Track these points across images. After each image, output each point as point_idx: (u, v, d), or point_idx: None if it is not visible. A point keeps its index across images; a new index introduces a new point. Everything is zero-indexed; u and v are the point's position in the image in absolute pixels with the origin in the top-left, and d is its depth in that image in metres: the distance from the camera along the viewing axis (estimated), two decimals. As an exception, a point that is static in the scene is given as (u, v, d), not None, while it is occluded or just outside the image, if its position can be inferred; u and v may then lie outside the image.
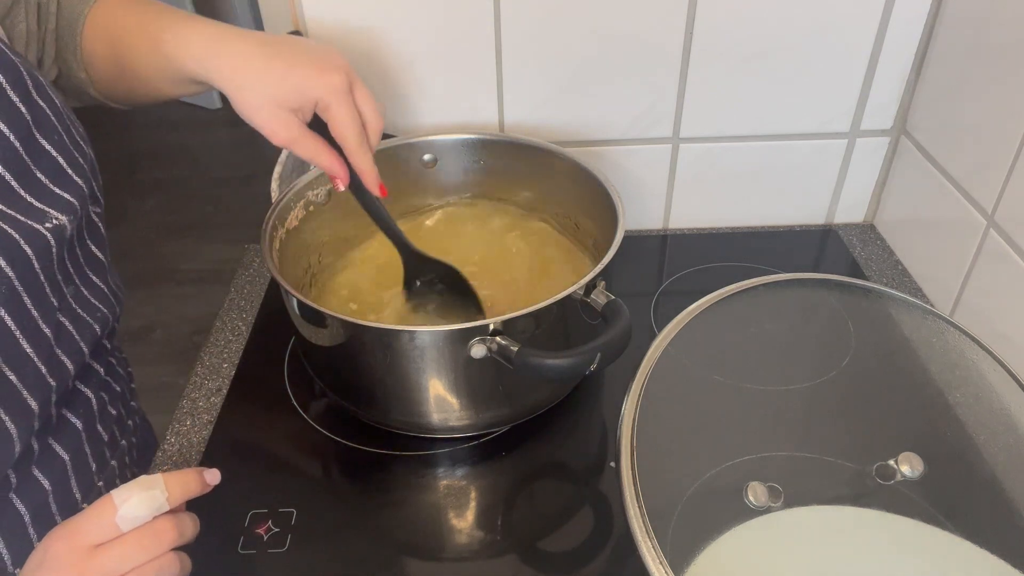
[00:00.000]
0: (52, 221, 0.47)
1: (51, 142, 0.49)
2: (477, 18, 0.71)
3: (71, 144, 0.50)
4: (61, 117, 0.50)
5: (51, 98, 0.50)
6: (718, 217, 0.86)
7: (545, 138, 0.72)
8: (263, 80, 0.52)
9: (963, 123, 0.69)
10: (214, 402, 0.66)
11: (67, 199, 0.49)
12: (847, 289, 0.62)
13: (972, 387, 0.56)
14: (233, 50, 0.53)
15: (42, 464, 0.51)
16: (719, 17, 0.71)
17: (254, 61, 0.53)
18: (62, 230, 0.48)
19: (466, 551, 0.55)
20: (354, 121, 0.55)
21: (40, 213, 0.47)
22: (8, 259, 0.44)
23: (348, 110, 0.54)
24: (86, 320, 0.52)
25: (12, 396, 0.46)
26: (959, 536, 0.49)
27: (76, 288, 0.52)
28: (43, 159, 0.48)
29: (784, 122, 0.79)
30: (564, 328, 0.57)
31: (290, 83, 0.53)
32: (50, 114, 0.49)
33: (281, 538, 0.55)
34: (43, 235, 0.46)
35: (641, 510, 0.43)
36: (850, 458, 0.54)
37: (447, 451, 0.61)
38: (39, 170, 0.48)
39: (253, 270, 0.81)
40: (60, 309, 0.50)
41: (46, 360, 0.48)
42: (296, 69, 0.53)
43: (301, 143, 0.54)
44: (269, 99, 0.53)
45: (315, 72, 0.53)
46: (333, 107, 0.54)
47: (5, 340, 0.45)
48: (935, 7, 0.72)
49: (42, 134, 0.48)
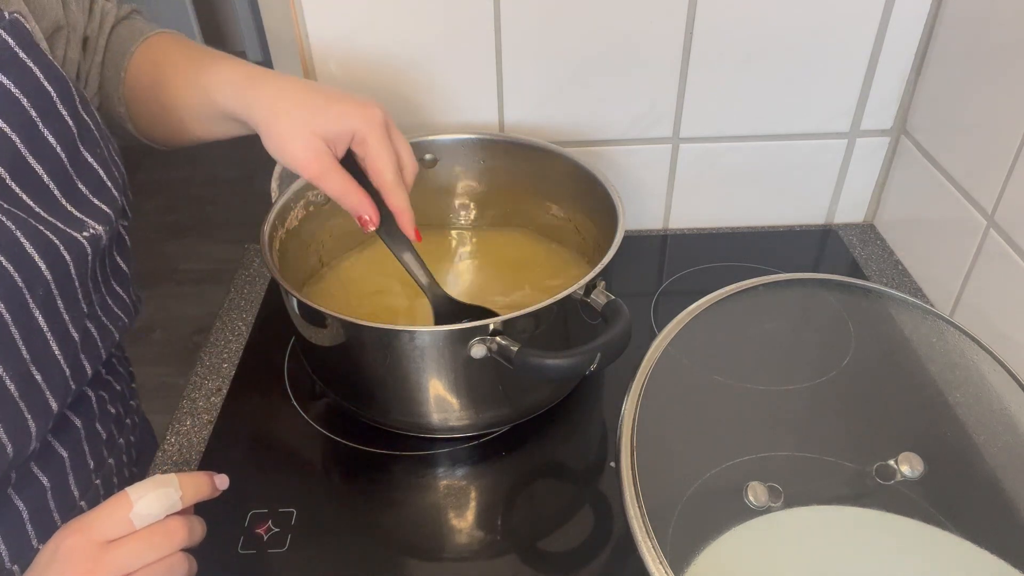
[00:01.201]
0: (90, 230, 0.49)
1: (94, 155, 0.50)
2: (477, 18, 0.71)
3: (109, 159, 0.52)
4: (103, 133, 0.52)
5: (94, 114, 0.52)
6: (718, 217, 0.86)
7: (545, 138, 0.72)
8: (301, 108, 0.52)
9: (963, 123, 0.69)
10: (214, 402, 0.66)
11: (104, 210, 0.50)
12: (847, 289, 0.62)
13: (972, 387, 0.56)
14: (273, 84, 0.54)
15: (41, 462, 0.51)
16: (719, 17, 0.71)
17: (294, 93, 0.53)
18: (98, 240, 0.49)
19: (466, 551, 0.55)
20: (392, 157, 0.54)
21: (79, 222, 0.49)
22: (49, 263, 0.46)
23: (386, 144, 0.54)
24: (108, 328, 0.54)
25: (36, 395, 0.47)
26: (959, 536, 0.49)
27: (102, 297, 0.53)
28: (85, 171, 0.50)
29: (784, 122, 0.79)
30: (564, 328, 0.57)
31: (329, 114, 0.52)
32: (93, 129, 0.51)
33: (281, 538, 0.55)
34: (81, 243, 0.48)
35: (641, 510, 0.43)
36: (850, 458, 0.54)
37: (447, 451, 0.62)
38: (81, 181, 0.49)
39: (253, 270, 0.81)
40: (88, 316, 0.51)
41: (71, 363, 0.49)
42: (335, 103, 0.53)
43: (332, 177, 0.52)
44: (305, 127, 0.52)
45: (354, 106, 0.53)
46: (370, 140, 0.53)
47: (37, 340, 0.46)
48: (935, 7, 0.72)
49: (86, 147, 0.50)
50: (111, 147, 0.53)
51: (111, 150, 0.53)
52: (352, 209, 0.54)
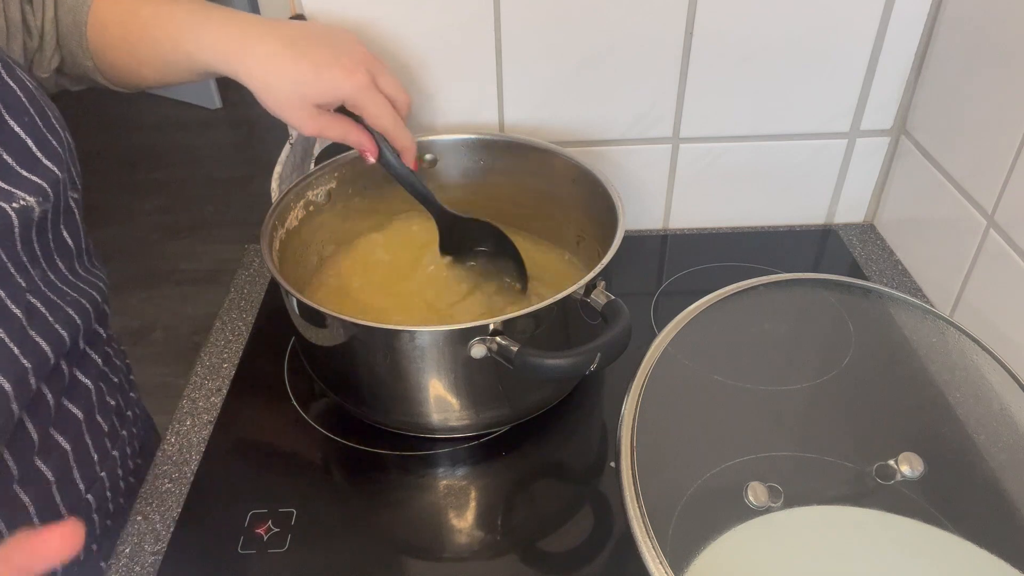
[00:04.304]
0: (20, 202, 0.47)
1: (21, 124, 0.48)
2: (477, 18, 0.71)
3: (44, 127, 0.50)
4: (34, 100, 0.50)
5: (23, 81, 0.50)
6: (718, 217, 0.86)
7: (545, 138, 0.72)
8: (291, 80, 0.55)
9: (963, 123, 0.69)
10: (214, 402, 0.66)
11: (35, 182, 0.48)
12: (847, 289, 0.62)
13: (972, 387, 0.56)
14: (259, 52, 0.55)
15: (44, 454, 0.51)
16: (719, 17, 0.71)
17: (282, 62, 0.55)
18: (29, 211, 0.48)
19: (466, 551, 0.55)
20: (386, 109, 0.58)
21: (6, 194, 0.47)
22: None
23: (378, 102, 0.58)
24: (57, 303, 0.52)
25: None
26: (959, 536, 0.49)
27: (43, 272, 0.51)
28: (12, 141, 0.48)
29: (784, 122, 0.79)
30: (564, 328, 0.57)
31: (319, 85, 0.56)
32: (21, 96, 0.49)
33: (281, 538, 0.55)
34: (7, 215, 0.46)
35: (641, 510, 0.43)
36: (850, 458, 0.54)
37: (447, 451, 0.62)
38: (6, 151, 0.48)
39: (253, 270, 0.81)
40: (30, 291, 0.49)
41: (19, 342, 0.47)
42: (323, 71, 0.56)
43: (329, 129, 0.58)
44: (298, 97, 0.56)
45: (342, 74, 0.56)
46: (362, 103, 0.57)
47: None
48: (935, 7, 0.72)
49: (11, 115, 0.48)
50: (51, 114, 0.51)
51: (50, 118, 0.51)
52: (355, 146, 0.60)
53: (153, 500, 0.58)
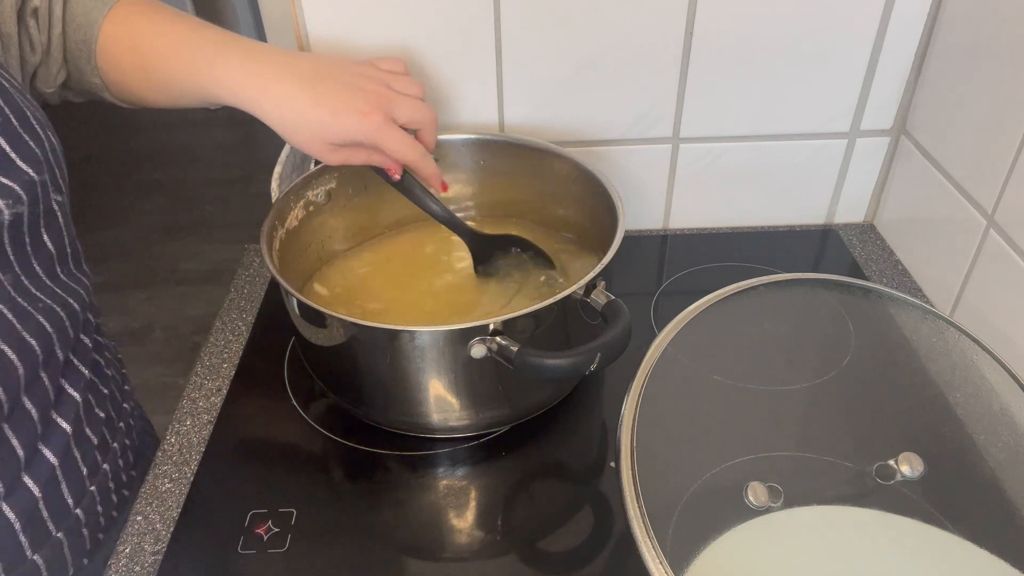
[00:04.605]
0: None
1: None
2: (477, 18, 0.71)
3: (23, 129, 0.49)
4: (10, 99, 0.48)
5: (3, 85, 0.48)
6: (718, 217, 0.86)
7: (545, 138, 0.72)
8: (310, 124, 0.56)
9: (963, 123, 0.69)
10: (214, 402, 0.66)
11: (8, 185, 0.47)
12: (847, 289, 0.62)
13: (972, 387, 0.56)
14: (276, 92, 0.56)
15: (31, 470, 0.51)
16: (719, 17, 0.71)
17: (300, 108, 0.56)
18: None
19: (466, 551, 0.55)
20: (403, 144, 0.58)
21: None
22: None
23: (395, 138, 0.58)
24: (27, 311, 0.50)
25: None
26: (959, 536, 0.49)
27: (16, 277, 0.50)
28: None
29: (784, 122, 0.79)
30: (564, 328, 0.57)
31: (335, 129, 0.56)
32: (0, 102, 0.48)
33: (281, 538, 0.55)
34: None
35: (641, 510, 0.43)
36: (850, 458, 0.54)
37: (447, 451, 0.62)
38: None
39: (253, 270, 0.81)
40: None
41: None
42: (340, 116, 0.56)
43: (352, 158, 0.59)
44: (318, 139, 0.57)
45: (357, 118, 0.56)
46: (380, 143, 0.58)
47: None
48: (935, 7, 0.72)
49: None
50: (31, 116, 0.50)
51: (31, 120, 0.50)
52: (379, 165, 0.61)
53: (153, 500, 0.58)
